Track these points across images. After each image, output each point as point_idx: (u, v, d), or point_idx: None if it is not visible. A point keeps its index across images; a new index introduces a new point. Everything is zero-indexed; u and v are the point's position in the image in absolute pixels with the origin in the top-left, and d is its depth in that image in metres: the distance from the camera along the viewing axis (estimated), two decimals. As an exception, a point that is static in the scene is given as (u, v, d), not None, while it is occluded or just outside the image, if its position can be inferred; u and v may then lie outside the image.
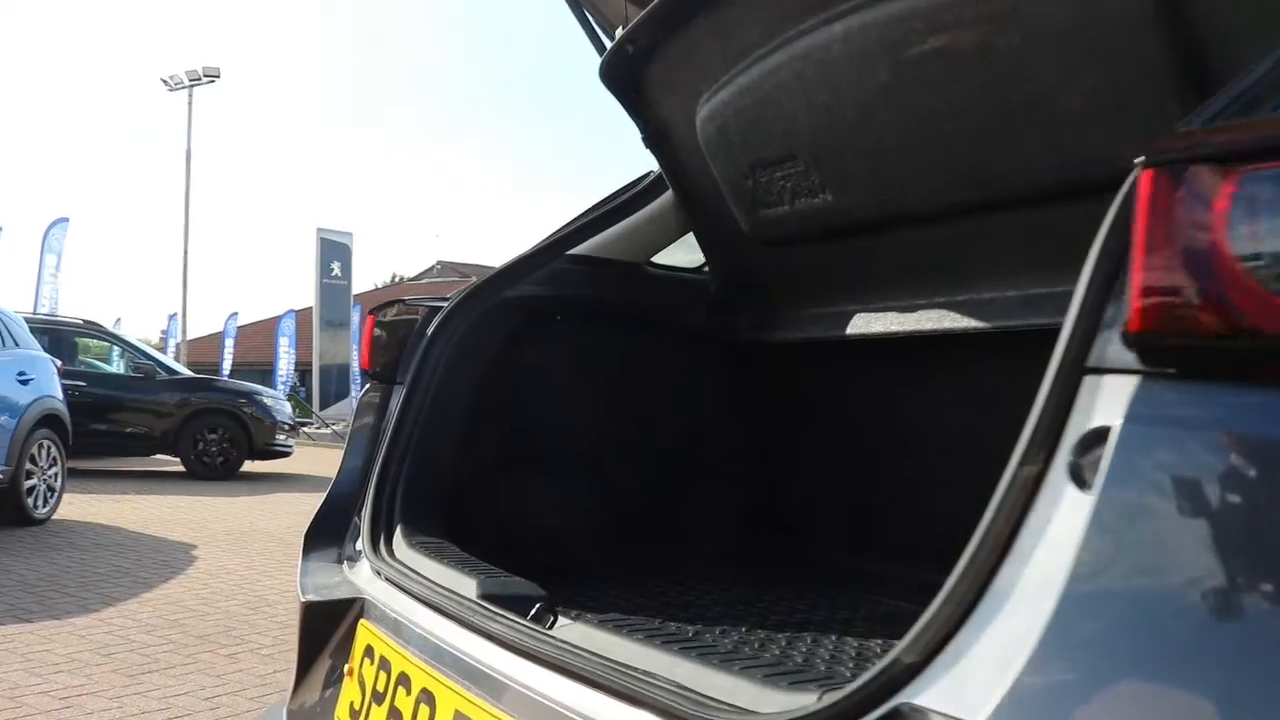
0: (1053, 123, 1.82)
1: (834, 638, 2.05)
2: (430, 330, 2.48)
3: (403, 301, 2.63)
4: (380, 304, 2.62)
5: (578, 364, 2.72)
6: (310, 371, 26.98)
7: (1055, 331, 2.06)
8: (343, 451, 2.54)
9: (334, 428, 23.43)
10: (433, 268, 54.01)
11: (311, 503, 2.62)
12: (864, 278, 2.46)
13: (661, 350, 2.86)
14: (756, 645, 1.94)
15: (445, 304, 2.54)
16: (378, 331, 2.57)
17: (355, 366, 26.17)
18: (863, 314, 2.46)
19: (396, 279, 63.30)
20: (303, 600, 2.14)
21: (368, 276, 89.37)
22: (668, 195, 2.82)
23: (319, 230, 26.26)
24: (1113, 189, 1.86)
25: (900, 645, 1.04)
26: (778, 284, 2.70)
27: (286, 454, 14.88)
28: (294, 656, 2.23)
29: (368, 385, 2.59)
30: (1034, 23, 1.74)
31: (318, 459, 16.82)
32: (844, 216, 2.34)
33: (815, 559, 2.84)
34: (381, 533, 2.24)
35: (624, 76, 2.60)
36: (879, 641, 2.02)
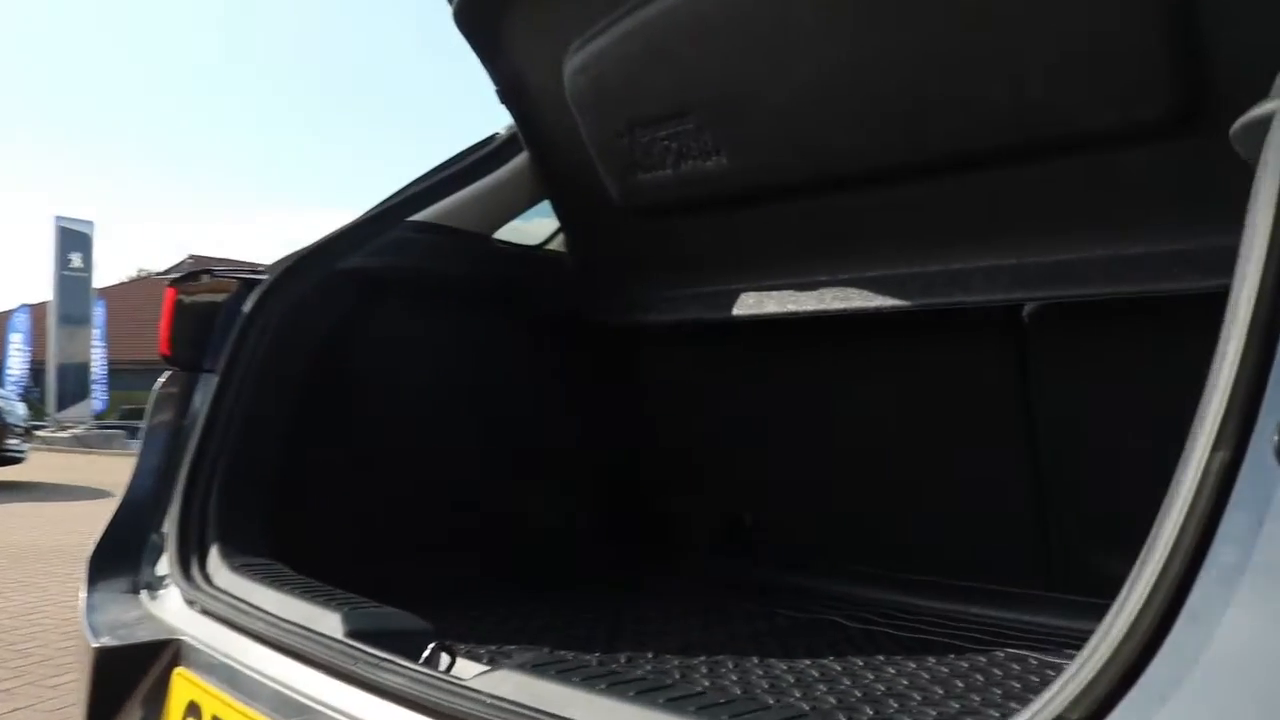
0: (1016, 73, 1.63)
1: (778, 662, 1.78)
2: (248, 308, 2.06)
3: (210, 273, 2.18)
4: (183, 274, 2.16)
5: (420, 348, 2.35)
6: (45, 371, 24.56)
7: (985, 310, 1.90)
8: (131, 455, 2.07)
9: (73, 431, 21.39)
10: (184, 262, 50.54)
11: (50, 513, 2.15)
12: (758, 251, 2.21)
13: (514, 333, 2.52)
14: (706, 675, 1.65)
15: (264, 277, 2.12)
16: (180, 309, 2.11)
17: (97, 365, 24.05)
18: (754, 292, 2.22)
19: (142, 273, 59.01)
20: (93, 646, 1.68)
21: (111, 270, 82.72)
22: (521, 158, 2.49)
23: (57, 219, 23.91)
24: (1074, 149, 1.70)
25: (1056, 697, 0.77)
26: (649, 259, 2.42)
27: (19, 460, 13.37)
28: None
29: (167, 374, 2.12)
30: None
31: (55, 465, 15.24)
32: (739, 182, 2.09)
33: (680, 565, 2.58)
34: (194, 553, 1.81)
35: (482, 16, 2.26)
36: (831, 661, 1.77)
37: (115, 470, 8.59)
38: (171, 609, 1.72)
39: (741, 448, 2.47)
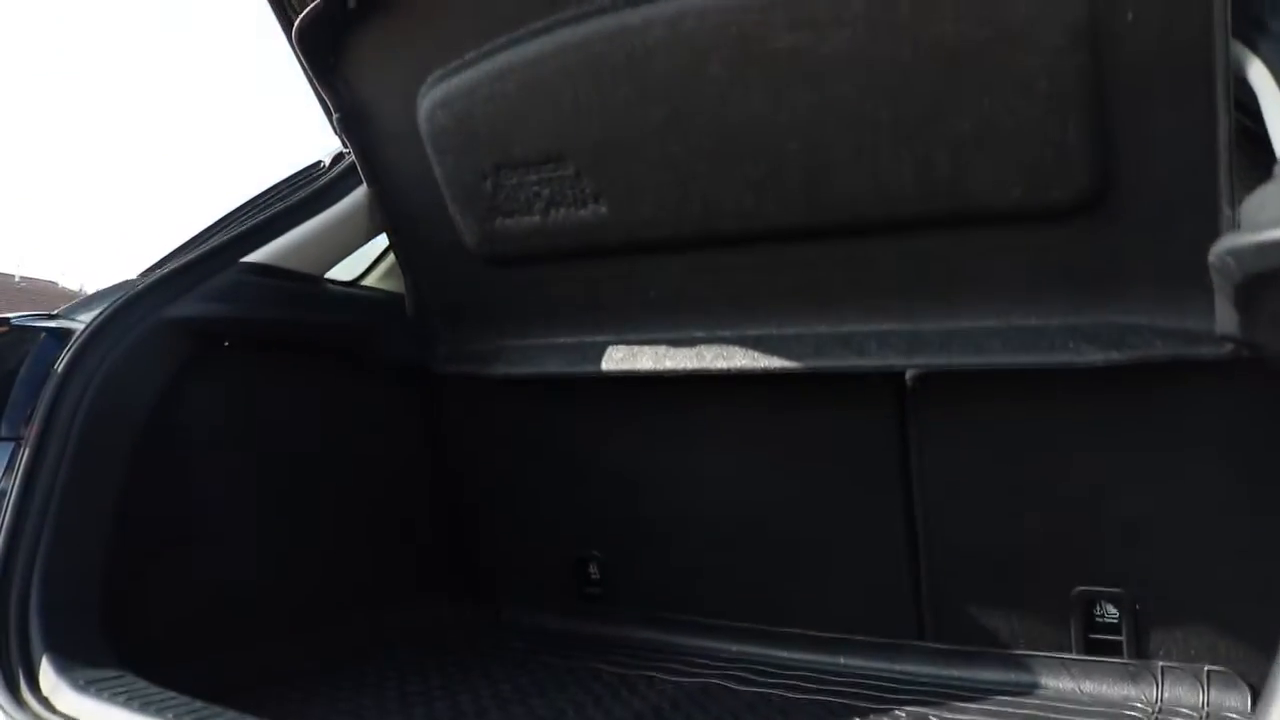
0: (926, 148, 1.67)
1: None
2: (62, 365, 1.75)
3: (7, 320, 1.84)
4: (-26, 325, 1.81)
5: (255, 406, 2.10)
6: None
7: (870, 374, 1.92)
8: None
9: None
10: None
11: None
12: (628, 305, 2.14)
13: (354, 385, 2.32)
14: None
15: (78, 326, 1.82)
16: (-30, 364, 1.77)
17: None
18: (623, 346, 2.15)
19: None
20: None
21: None
22: (359, 193, 2.29)
23: None
24: (978, 223, 1.76)
25: None
26: (503, 308, 2.29)
27: None
28: None
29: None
30: (937, 36, 1.57)
31: None
32: (617, 234, 2.02)
33: (530, 618, 2.47)
34: (19, 666, 1.51)
35: (328, 36, 2.05)
36: None
37: None
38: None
39: (600, 500, 2.39)
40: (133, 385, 1.83)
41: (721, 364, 2.02)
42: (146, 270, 2.06)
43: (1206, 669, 1.85)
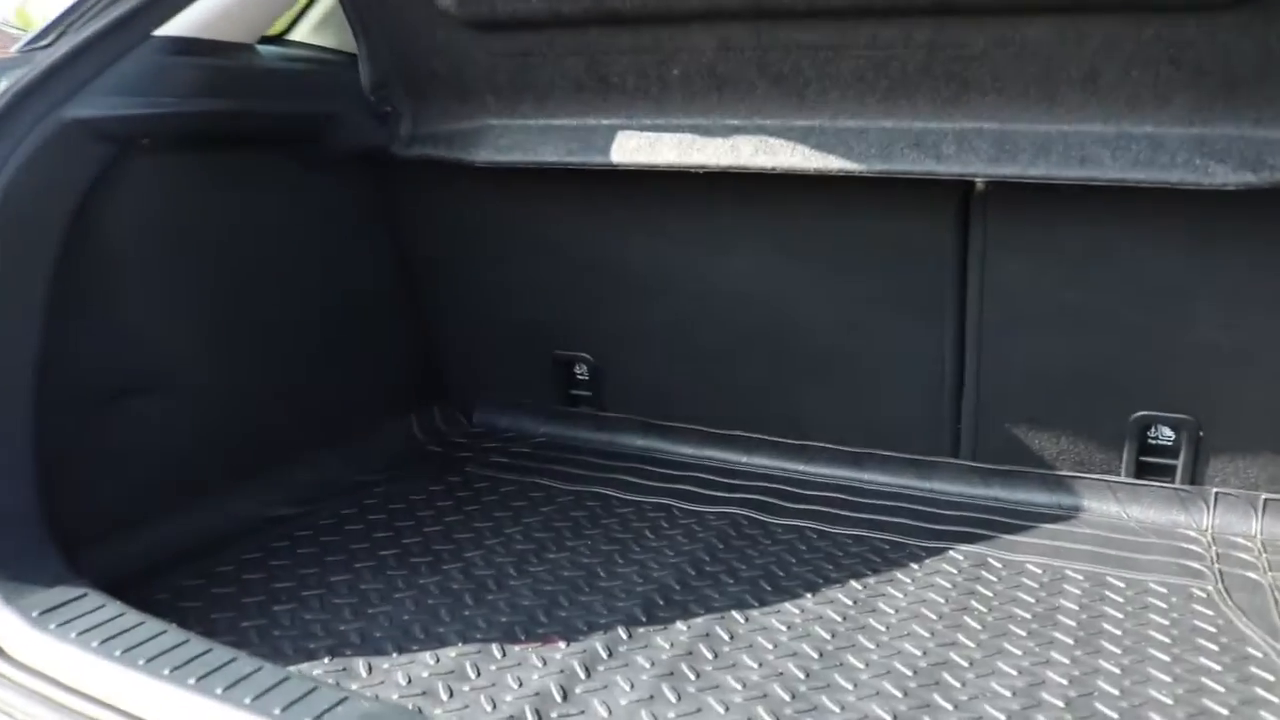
0: None
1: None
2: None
3: None
4: None
5: (188, 217, 1.72)
6: None
7: (939, 179, 1.64)
8: None
9: None
10: None
11: None
12: (642, 83, 1.78)
13: (301, 182, 1.93)
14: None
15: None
16: None
17: None
18: (633, 133, 1.80)
19: None
20: None
21: None
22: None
23: None
24: (1094, 9, 1.43)
25: None
26: (483, 82, 1.89)
27: None
28: None
29: None
30: None
31: None
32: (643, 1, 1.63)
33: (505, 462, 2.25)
34: None
35: None
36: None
37: None
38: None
39: (594, 299, 2.11)
40: (35, 208, 1.44)
41: (764, 160, 1.70)
42: (29, 44, 1.59)
43: (1264, 497, 1.75)
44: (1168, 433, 1.80)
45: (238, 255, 1.78)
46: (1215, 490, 1.79)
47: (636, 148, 1.79)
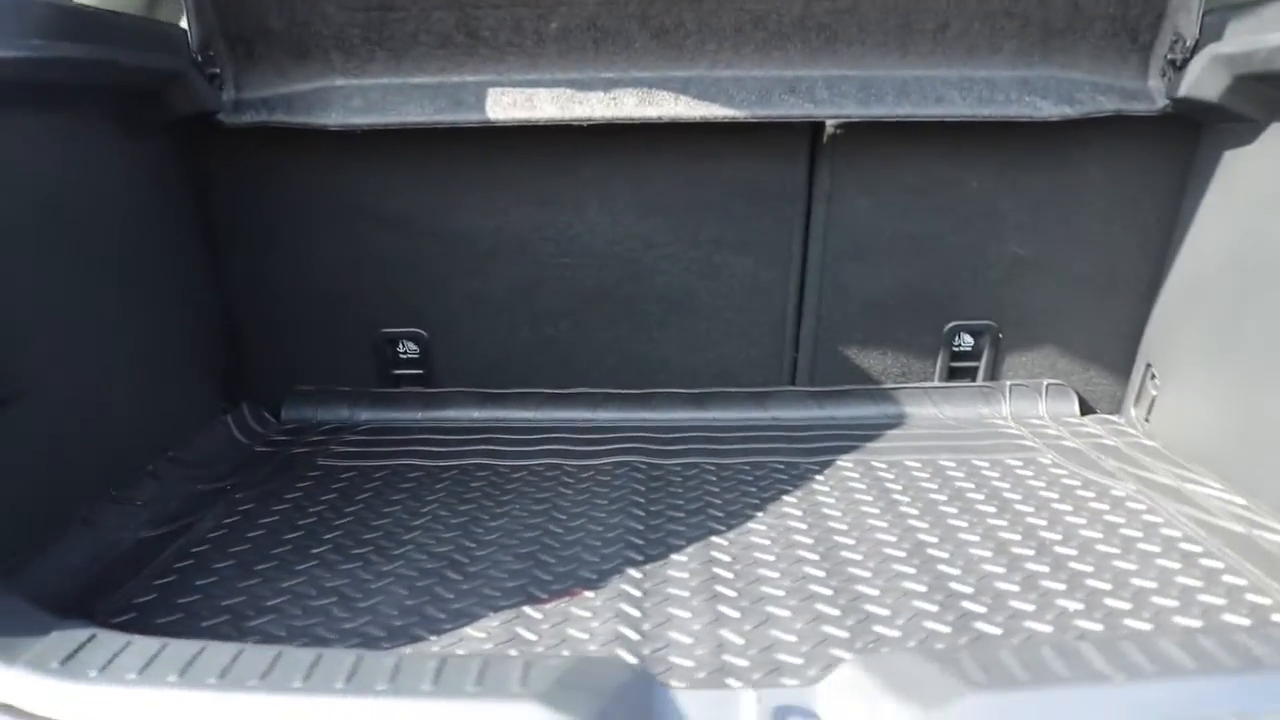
0: None
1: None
2: None
3: None
4: None
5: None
6: None
7: (794, 125, 1.80)
8: None
9: None
10: None
11: None
12: (515, 39, 1.75)
13: (115, 153, 1.66)
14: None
15: None
16: None
17: None
18: (507, 89, 1.77)
19: None
20: None
21: None
22: None
23: None
24: None
25: None
26: (331, 39, 1.75)
27: None
28: None
29: None
30: None
31: None
32: None
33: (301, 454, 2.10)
34: None
35: None
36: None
37: None
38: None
39: (432, 268, 2.02)
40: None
41: (649, 111, 1.76)
42: None
43: (1045, 383, 2.12)
44: (968, 339, 2.11)
45: (33, 238, 1.48)
46: (1009, 383, 2.13)
47: (513, 103, 1.77)
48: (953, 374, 2.14)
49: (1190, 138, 1.82)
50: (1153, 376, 1.99)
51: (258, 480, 1.82)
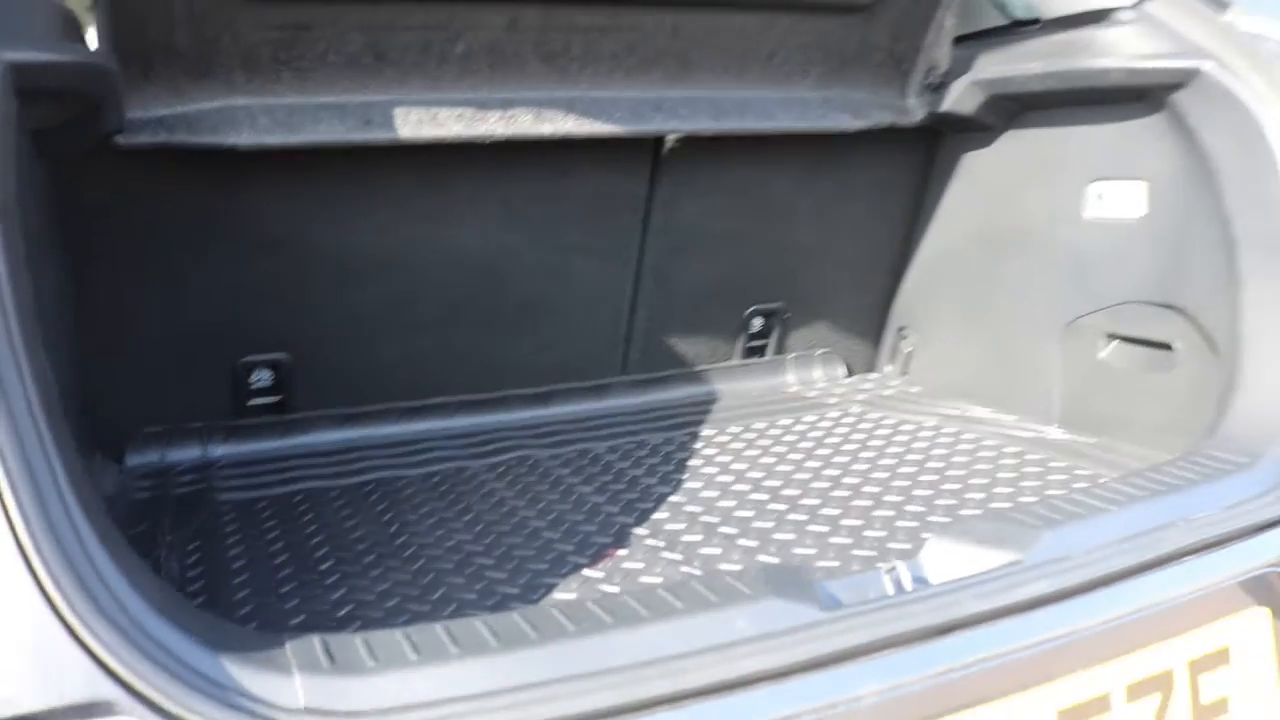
0: None
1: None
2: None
3: None
4: None
5: None
6: None
7: (641, 139, 2.06)
8: None
9: None
10: None
11: None
12: (422, 60, 1.84)
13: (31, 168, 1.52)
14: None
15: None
16: None
17: None
18: (414, 108, 1.85)
19: None
20: None
21: None
22: None
23: None
24: (790, 8, 2.02)
25: None
26: (240, 56, 1.71)
27: None
28: None
29: None
30: None
31: None
32: None
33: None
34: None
35: None
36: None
37: None
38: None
39: (292, 290, 2.00)
40: None
41: (544, 128, 1.93)
42: None
43: (819, 352, 2.57)
44: (760, 321, 2.49)
45: None
46: (791, 356, 2.54)
47: (419, 121, 1.85)
48: (750, 352, 2.52)
49: (932, 143, 2.34)
50: (904, 337, 2.50)
51: (161, 529, 1.71)
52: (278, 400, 2.09)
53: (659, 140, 2.15)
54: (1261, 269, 1.66)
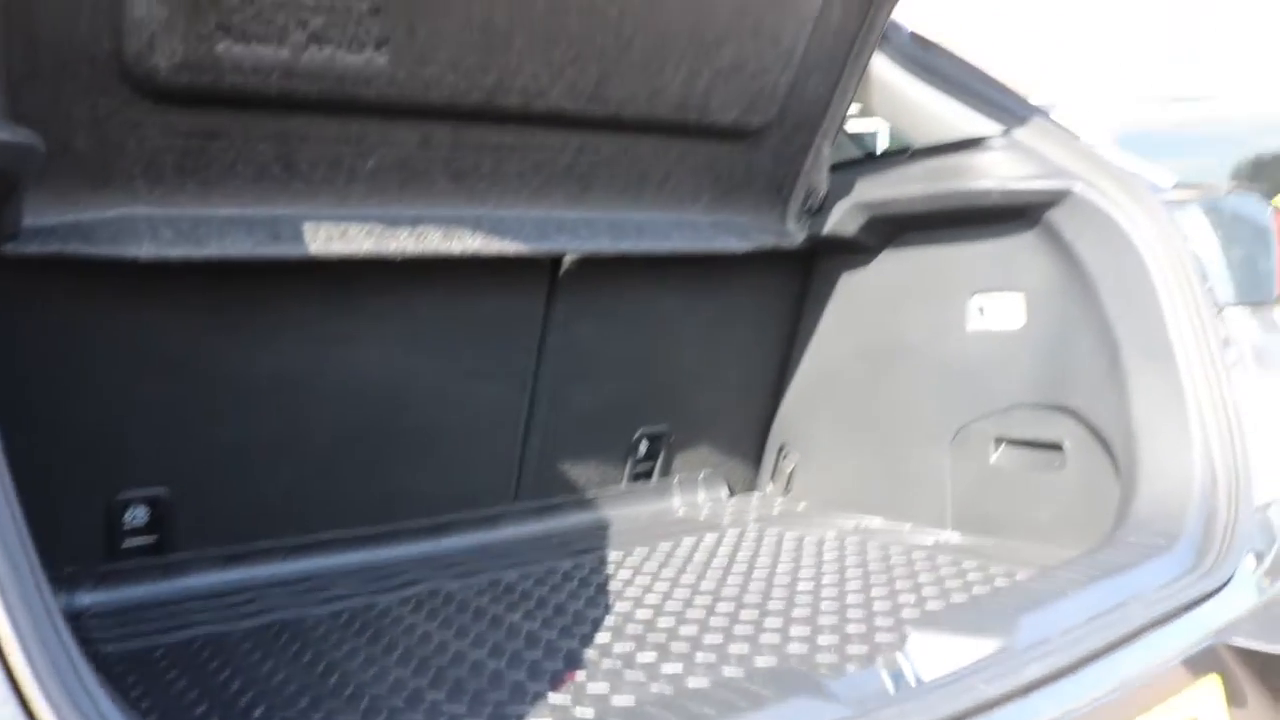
0: (694, 70, 1.97)
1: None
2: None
3: None
4: None
5: None
6: None
7: (541, 259, 2.06)
8: None
9: None
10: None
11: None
12: (331, 174, 1.78)
13: None
14: None
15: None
16: None
17: None
18: (323, 224, 1.78)
19: None
20: None
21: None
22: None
23: None
24: (693, 134, 2.08)
25: None
26: (143, 162, 1.60)
27: None
28: None
29: None
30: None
31: None
32: (385, 90, 1.72)
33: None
34: None
35: None
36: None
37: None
38: None
39: (175, 422, 1.84)
40: None
41: (452, 246, 1.89)
42: None
43: (702, 474, 2.58)
44: (647, 445, 2.48)
45: None
46: (676, 478, 2.54)
47: (329, 237, 1.78)
48: (637, 476, 2.49)
49: (809, 264, 2.45)
50: (786, 455, 2.55)
51: None
52: (154, 540, 1.89)
53: (557, 261, 2.15)
54: (1145, 368, 1.81)
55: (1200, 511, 1.66)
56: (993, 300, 2.10)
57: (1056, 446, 1.99)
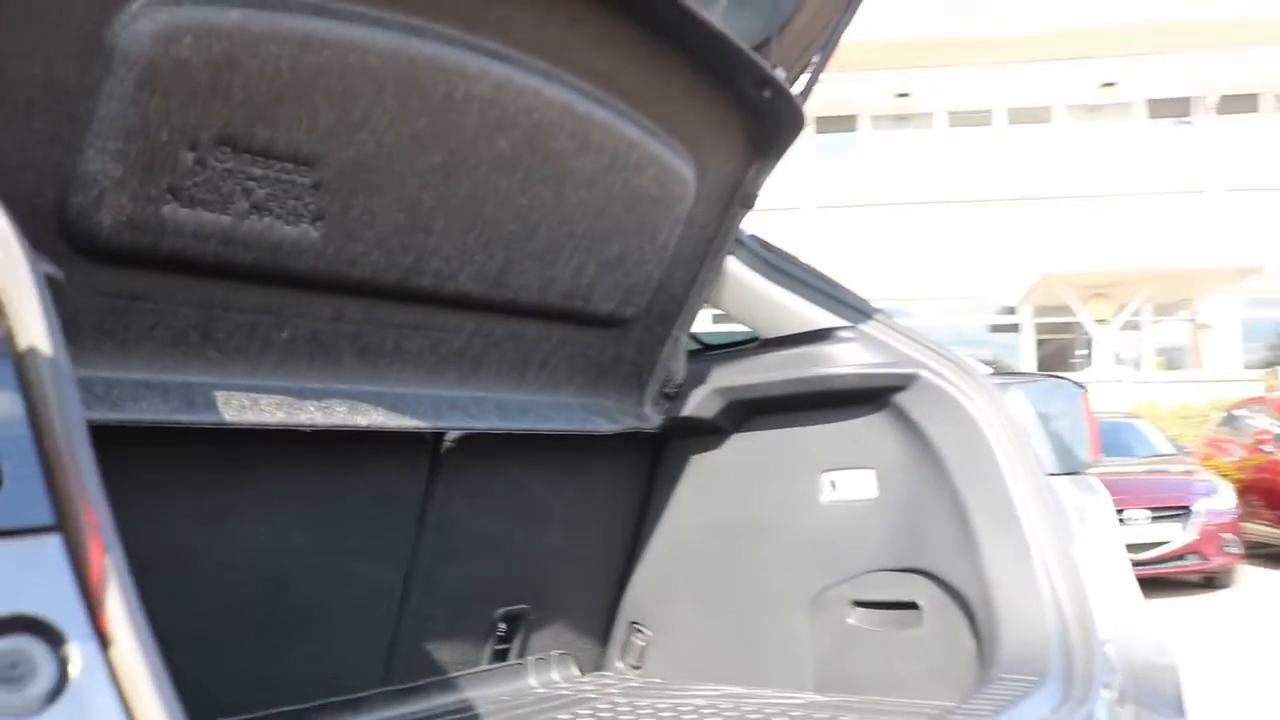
0: (584, 263, 2.13)
1: None
2: None
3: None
4: None
5: None
6: None
7: (423, 436, 2.11)
8: None
9: None
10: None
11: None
12: (247, 342, 1.76)
13: None
14: None
15: None
16: None
17: None
18: (238, 393, 1.74)
19: None
20: None
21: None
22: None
23: None
24: (575, 321, 2.21)
25: None
26: (65, 320, 1.52)
27: None
28: None
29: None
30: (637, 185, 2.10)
31: None
32: (312, 262, 1.75)
33: None
34: None
35: None
36: None
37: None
38: None
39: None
40: None
41: (358, 420, 1.90)
42: None
43: (553, 653, 2.58)
44: (504, 625, 2.47)
45: None
46: (531, 659, 2.53)
47: (241, 406, 1.74)
48: (497, 655, 2.46)
49: (660, 445, 2.59)
50: (638, 631, 2.61)
51: None
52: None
53: (438, 438, 2.18)
54: (995, 530, 2.06)
55: (1059, 651, 1.88)
56: (844, 476, 2.31)
57: (913, 605, 2.18)
